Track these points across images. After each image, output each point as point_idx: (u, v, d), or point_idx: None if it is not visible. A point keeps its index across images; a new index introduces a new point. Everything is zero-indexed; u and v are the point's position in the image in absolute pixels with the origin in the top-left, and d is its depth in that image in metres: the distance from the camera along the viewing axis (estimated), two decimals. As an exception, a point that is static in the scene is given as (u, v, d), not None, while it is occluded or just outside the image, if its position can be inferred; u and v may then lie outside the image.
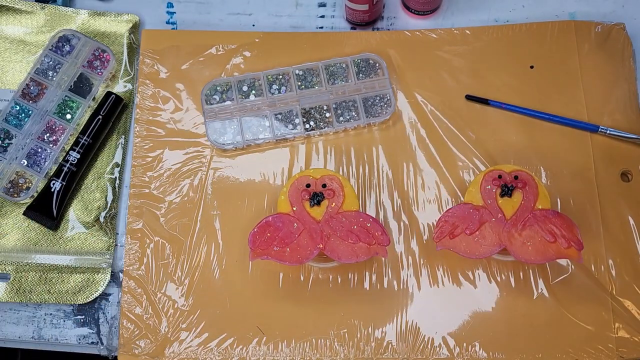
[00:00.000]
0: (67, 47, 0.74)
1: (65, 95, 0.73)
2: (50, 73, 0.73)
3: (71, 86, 0.73)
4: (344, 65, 0.73)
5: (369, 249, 0.61)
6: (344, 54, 0.75)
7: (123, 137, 0.74)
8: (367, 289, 0.67)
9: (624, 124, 0.71)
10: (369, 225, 0.62)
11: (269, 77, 0.73)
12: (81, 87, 0.73)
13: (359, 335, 0.66)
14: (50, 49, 0.73)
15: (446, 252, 0.65)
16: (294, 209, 0.63)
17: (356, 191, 0.70)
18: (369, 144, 0.72)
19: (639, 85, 0.73)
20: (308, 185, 0.63)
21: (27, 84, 0.72)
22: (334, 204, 0.63)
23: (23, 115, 0.72)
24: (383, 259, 0.68)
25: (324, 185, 0.63)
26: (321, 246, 0.61)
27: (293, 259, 0.60)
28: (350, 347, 0.66)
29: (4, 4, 0.77)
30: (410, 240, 0.69)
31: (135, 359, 0.66)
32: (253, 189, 0.71)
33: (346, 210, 0.62)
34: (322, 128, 0.72)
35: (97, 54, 0.74)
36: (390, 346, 0.66)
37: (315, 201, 0.62)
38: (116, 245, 0.70)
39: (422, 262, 0.68)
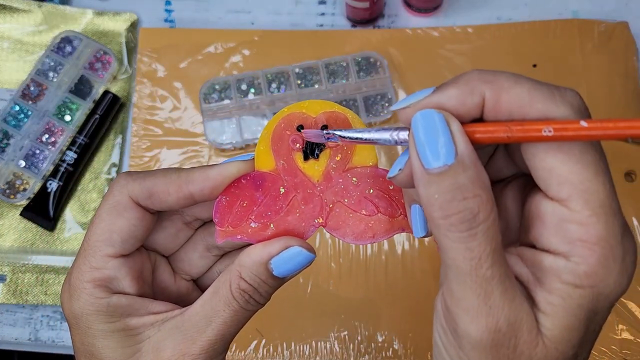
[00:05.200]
0: (68, 48, 0.73)
1: (66, 97, 0.72)
2: (51, 74, 0.72)
3: (72, 88, 0.72)
4: (344, 64, 0.73)
5: (391, 222, 0.38)
6: (345, 52, 0.74)
7: (120, 136, 0.73)
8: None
9: (628, 123, 0.71)
10: (391, 187, 0.38)
11: (268, 75, 0.72)
12: (82, 89, 0.73)
13: (359, 338, 0.65)
14: (51, 50, 0.73)
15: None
16: (281, 163, 0.38)
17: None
18: (369, 143, 0.71)
19: (643, 84, 0.73)
20: (301, 128, 0.39)
21: (27, 85, 0.72)
22: (339, 156, 0.38)
23: (22, 115, 0.71)
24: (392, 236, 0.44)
25: (324, 128, 0.39)
26: (321, 220, 0.38)
27: None
28: (351, 349, 0.65)
29: (0, 2, 0.76)
30: (410, 239, 0.68)
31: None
32: (252, 189, 0.70)
33: (358, 166, 0.38)
34: (322, 127, 0.71)
35: (98, 56, 0.73)
36: (391, 348, 0.65)
37: (312, 152, 0.39)
38: (114, 246, 0.70)
39: (421, 261, 0.67)
